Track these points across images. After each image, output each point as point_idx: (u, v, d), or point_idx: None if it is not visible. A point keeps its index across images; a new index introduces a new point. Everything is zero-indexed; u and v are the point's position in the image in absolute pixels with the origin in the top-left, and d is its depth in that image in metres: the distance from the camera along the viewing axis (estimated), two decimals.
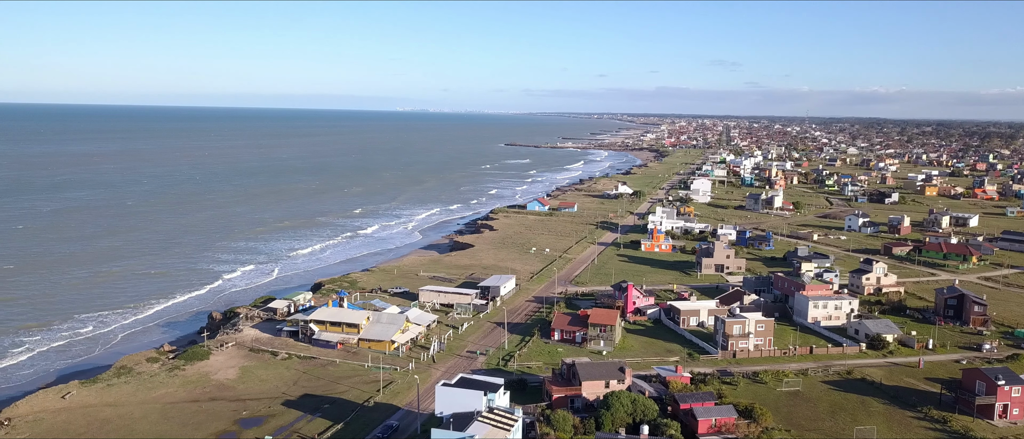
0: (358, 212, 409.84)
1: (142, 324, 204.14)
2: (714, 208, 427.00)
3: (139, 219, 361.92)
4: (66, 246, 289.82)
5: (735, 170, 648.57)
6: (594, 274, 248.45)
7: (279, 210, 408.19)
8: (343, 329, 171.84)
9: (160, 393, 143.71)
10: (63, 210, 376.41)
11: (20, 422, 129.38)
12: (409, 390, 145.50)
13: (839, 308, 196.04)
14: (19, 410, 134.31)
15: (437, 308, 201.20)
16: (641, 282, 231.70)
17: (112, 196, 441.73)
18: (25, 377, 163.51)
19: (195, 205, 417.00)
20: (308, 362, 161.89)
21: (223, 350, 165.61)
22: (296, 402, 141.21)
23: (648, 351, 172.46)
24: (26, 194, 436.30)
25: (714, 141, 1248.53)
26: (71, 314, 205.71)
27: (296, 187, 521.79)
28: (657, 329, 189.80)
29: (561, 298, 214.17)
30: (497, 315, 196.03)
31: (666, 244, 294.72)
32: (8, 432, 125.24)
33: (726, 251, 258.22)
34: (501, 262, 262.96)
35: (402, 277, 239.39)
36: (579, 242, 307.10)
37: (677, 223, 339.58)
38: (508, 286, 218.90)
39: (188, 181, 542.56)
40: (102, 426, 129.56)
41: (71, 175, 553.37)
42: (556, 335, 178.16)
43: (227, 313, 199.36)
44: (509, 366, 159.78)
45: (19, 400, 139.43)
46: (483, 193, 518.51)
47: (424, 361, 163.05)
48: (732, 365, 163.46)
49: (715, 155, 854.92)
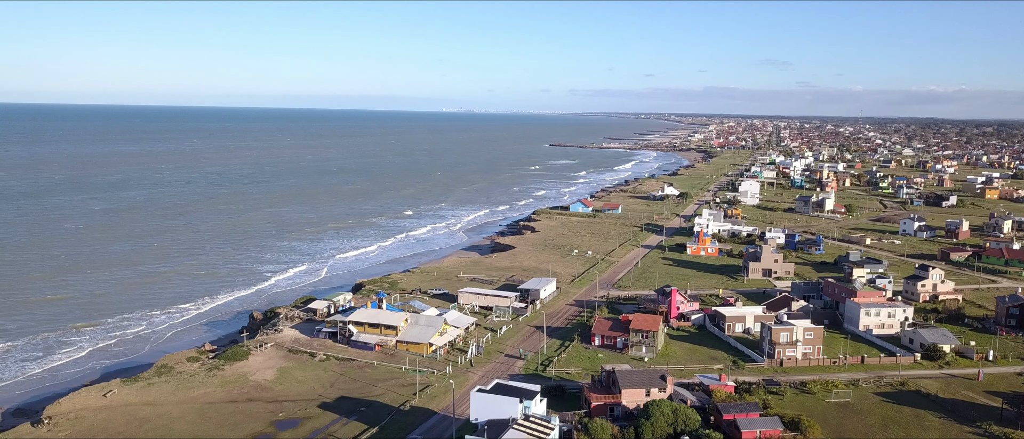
0: (409, 214, 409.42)
1: (187, 323, 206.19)
2: (762, 211, 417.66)
3: (188, 218, 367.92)
4: (117, 245, 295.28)
5: (785, 172, 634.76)
6: (637, 278, 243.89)
7: (331, 210, 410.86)
8: (381, 331, 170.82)
9: (199, 393, 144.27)
10: (114, 209, 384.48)
11: (62, 420, 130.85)
12: (446, 394, 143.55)
13: (893, 316, 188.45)
14: (61, 408, 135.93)
15: (476, 310, 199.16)
16: (685, 286, 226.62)
17: (162, 195, 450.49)
18: (71, 375, 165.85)
19: (245, 205, 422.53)
20: (346, 364, 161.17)
21: (262, 350, 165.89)
22: (332, 404, 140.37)
23: (691, 358, 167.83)
24: (80, 193, 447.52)
25: (763, 142, 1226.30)
26: (119, 313, 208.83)
27: (348, 188, 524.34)
28: (701, 335, 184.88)
29: (602, 302, 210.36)
30: (537, 319, 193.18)
31: (712, 247, 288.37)
32: (50, 430, 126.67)
33: (774, 255, 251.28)
34: (542, 264, 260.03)
35: (442, 278, 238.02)
36: (623, 245, 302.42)
37: (724, 226, 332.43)
38: (548, 289, 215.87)
39: (238, 181, 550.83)
40: (140, 425, 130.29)
41: (124, 175, 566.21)
42: (596, 340, 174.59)
43: (268, 313, 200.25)
44: (548, 371, 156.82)
45: (62, 397, 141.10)
46: (526, 194, 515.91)
47: (461, 364, 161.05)
48: (779, 374, 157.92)
49: (764, 156, 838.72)
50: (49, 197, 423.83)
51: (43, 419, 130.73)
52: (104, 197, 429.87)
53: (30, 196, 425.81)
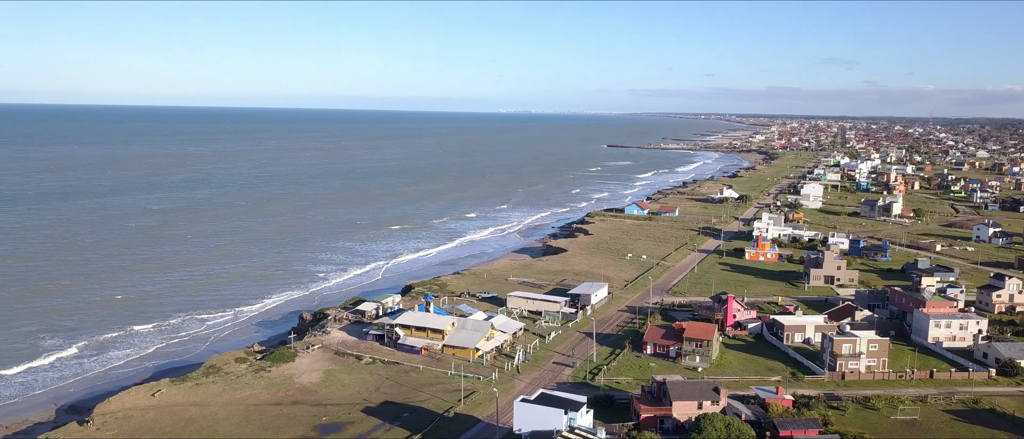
0: (471, 215, 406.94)
1: (240, 323, 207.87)
2: (825, 215, 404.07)
3: (247, 219, 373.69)
4: (175, 245, 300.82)
5: (850, 174, 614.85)
6: (693, 284, 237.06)
7: (393, 211, 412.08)
8: (428, 334, 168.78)
9: (245, 394, 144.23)
10: (174, 210, 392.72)
11: (110, 418, 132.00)
12: (491, 401, 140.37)
13: (965, 328, 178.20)
14: (111, 406, 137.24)
15: (524, 315, 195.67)
16: (743, 293, 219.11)
17: (221, 195, 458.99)
18: (125, 374, 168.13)
19: (307, 205, 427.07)
20: (391, 367, 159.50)
21: (309, 352, 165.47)
22: (376, 409, 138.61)
23: (747, 369, 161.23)
24: (141, 193, 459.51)
25: (827, 143, 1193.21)
26: (175, 312, 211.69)
27: (410, 189, 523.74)
28: (758, 345, 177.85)
29: (656, 309, 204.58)
30: (587, 325, 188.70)
31: (772, 253, 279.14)
32: (98, 429, 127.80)
33: (837, 262, 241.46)
34: (594, 268, 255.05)
35: (492, 281, 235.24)
36: (678, 249, 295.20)
37: (784, 230, 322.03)
38: (600, 294, 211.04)
39: (299, 181, 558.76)
40: (186, 426, 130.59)
41: (183, 175, 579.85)
42: (648, 349, 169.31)
43: (317, 314, 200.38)
44: (596, 380, 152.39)
45: (113, 396, 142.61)
46: (585, 196, 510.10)
47: (508, 371, 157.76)
48: (840, 388, 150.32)
49: (828, 158, 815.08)
50: (111, 197, 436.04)
51: (92, 418, 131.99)
52: (164, 197, 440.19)
53: (93, 195, 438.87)
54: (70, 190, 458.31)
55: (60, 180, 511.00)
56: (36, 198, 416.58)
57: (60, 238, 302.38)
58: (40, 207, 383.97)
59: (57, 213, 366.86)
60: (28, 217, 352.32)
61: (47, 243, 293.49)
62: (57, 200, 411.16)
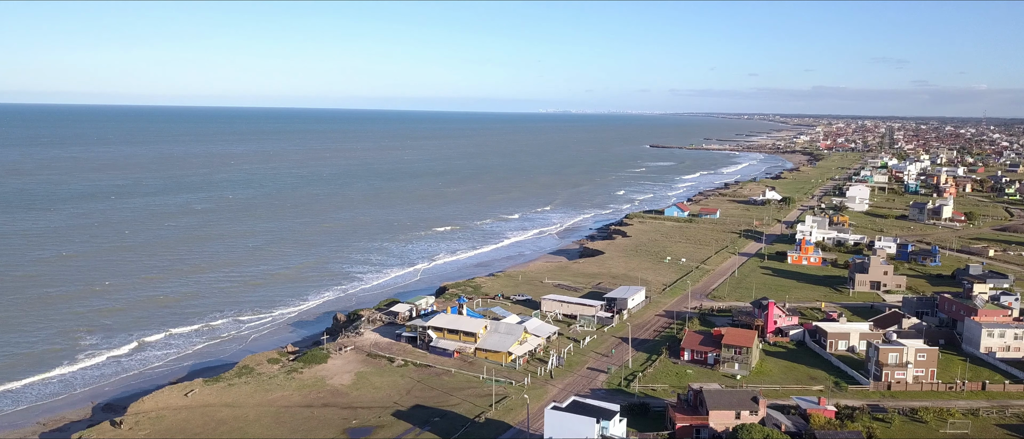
0: (515, 217, 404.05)
1: (277, 323, 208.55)
2: (872, 218, 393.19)
3: (285, 219, 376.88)
4: (213, 245, 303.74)
5: (898, 176, 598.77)
6: (733, 288, 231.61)
7: (437, 212, 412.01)
8: (460, 337, 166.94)
9: (276, 396, 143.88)
10: (213, 209, 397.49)
11: (144, 418, 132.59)
12: (523, 407, 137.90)
13: (1020, 338, 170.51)
14: (144, 406, 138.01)
15: (559, 319, 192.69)
16: (784, 299, 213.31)
17: (259, 196, 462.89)
18: (160, 373, 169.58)
19: (345, 206, 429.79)
20: (423, 370, 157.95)
21: (341, 354, 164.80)
22: (406, 413, 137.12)
23: (788, 378, 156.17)
24: (184, 193, 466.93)
25: (875, 144, 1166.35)
26: (210, 312, 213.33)
27: (454, 190, 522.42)
28: (800, 353, 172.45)
29: (694, 314, 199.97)
30: (623, 329, 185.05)
31: (815, 257, 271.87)
32: (131, 429, 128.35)
33: (884, 267, 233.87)
34: (631, 271, 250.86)
35: (526, 283, 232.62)
36: (719, 252, 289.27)
37: (829, 233, 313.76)
38: (637, 298, 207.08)
39: (342, 181, 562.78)
40: (217, 427, 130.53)
41: (222, 175, 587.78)
42: (686, 355, 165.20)
43: (351, 315, 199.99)
44: (631, 387, 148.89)
45: (147, 396, 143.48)
46: (622, 197, 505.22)
47: (541, 376, 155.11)
48: (886, 399, 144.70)
49: (875, 159, 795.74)
50: (156, 196, 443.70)
51: (125, 418, 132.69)
52: (206, 197, 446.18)
53: (139, 195, 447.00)
54: (117, 190, 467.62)
55: (108, 179, 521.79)
56: (84, 197, 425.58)
57: (103, 238, 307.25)
58: (89, 206, 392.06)
59: (103, 213, 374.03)
60: (75, 217, 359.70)
61: (91, 242, 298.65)
62: (104, 199, 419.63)
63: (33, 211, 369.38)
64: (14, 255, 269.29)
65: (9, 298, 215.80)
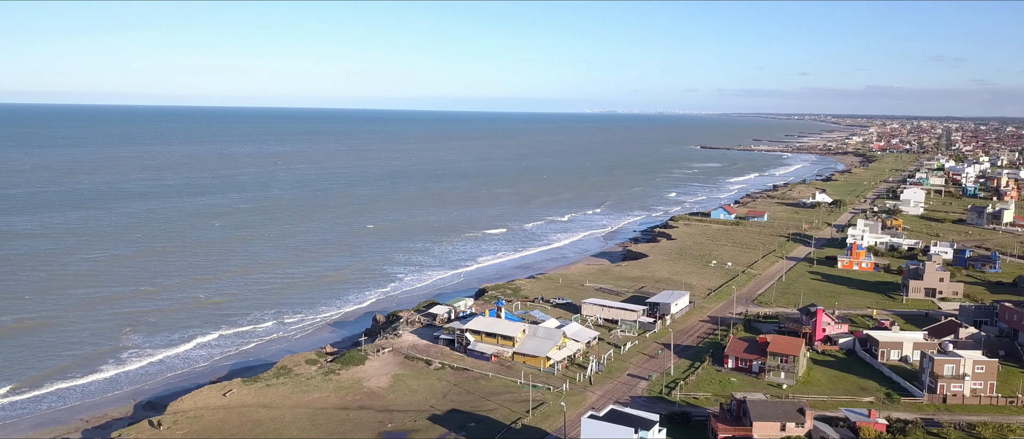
0: (565, 219, 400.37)
1: (315, 324, 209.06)
2: (927, 222, 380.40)
3: (329, 219, 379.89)
4: (257, 245, 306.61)
5: (955, 178, 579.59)
6: (780, 294, 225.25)
7: (488, 212, 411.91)
8: (498, 341, 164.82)
9: (313, 397, 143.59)
10: (257, 209, 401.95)
11: (182, 418, 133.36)
12: (561, 414, 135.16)
13: None
14: (184, 405, 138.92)
15: (599, 323, 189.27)
16: (834, 305, 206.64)
17: (303, 196, 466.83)
18: (201, 372, 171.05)
19: (395, 206, 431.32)
20: (460, 374, 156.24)
21: (379, 355, 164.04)
22: (442, 417, 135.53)
23: (836, 388, 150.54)
24: (232, 192, 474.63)
25: (931, 145, 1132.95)
26: (252, 312, 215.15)
27: (505, 190, 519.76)
28: (849, 362, 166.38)
29: (739, 320, 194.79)
30: (665, 335, 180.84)
31: (867, 262, 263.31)
32: (169, 428, 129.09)
33: (939, 273, 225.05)
34: (675, 275, 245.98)
35: (567, 286, 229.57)
36: (766, 256, 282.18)
37: (881, 238, 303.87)
38: (680, 303, 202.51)
39: (387, 182, 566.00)
40: (254, 427, 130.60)
41: (267, 174, 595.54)
42: (730, 363, 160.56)
43: (390, 316, 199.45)
44: (673, 395, 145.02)
45: (186, 395, 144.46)
46: (669, 199, 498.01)
47: (580, 382, 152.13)
48: (941, 412, 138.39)
49: (931, 161, 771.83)
50: (203, 196, 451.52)
51: (164, 418, 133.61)
52: (251, 197, 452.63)
53: (188, 194, 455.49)
54: (168, 190, 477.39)
55: (161, 179, 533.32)
56: (134, 197, 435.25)
57: (149, 239, 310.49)
58: (138, 206, 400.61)
59: (151, 213, 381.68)
60: (124, 216, 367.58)
61: (138, 243, 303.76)
62: (154, 199, 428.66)
63: (91, 210, 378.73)
64: (66, 255, 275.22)
65: (60, 297, 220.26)
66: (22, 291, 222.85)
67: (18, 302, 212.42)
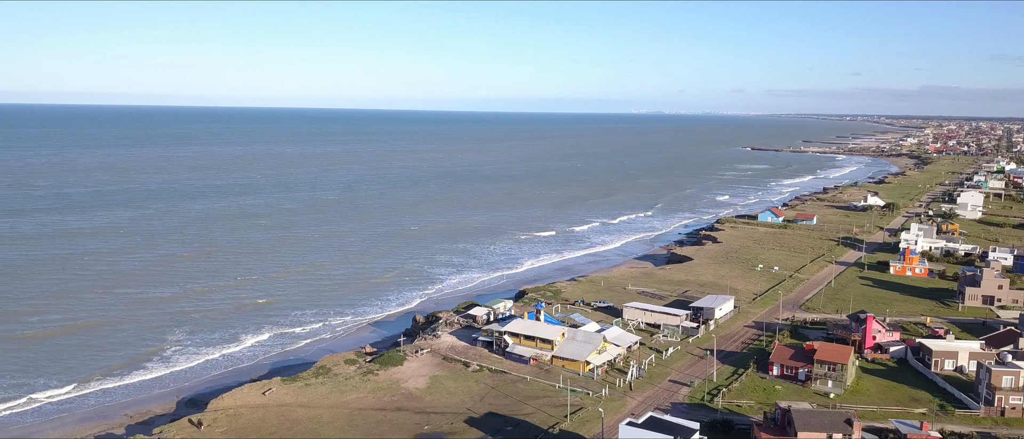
0: (616, 221, 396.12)
1: (356, 324, 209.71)
2: (985, 226, 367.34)
3: (376, 220, 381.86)
4: (300, 245, 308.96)
5: (1016, 181, 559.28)
6: (828, 299, 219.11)
7: (539, 213, 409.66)
8: (537, 344, 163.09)
9: (351, 397, 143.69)
10: (300, 210, 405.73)
11: (222, 416, 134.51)
12: (599, 420, 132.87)
13: None
14: (224, 403, 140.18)
15: (641, 328, 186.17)
16: (885, 312, 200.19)
17: (348, 196, 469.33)
18: (243, 370, 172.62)
19: (443, 207, 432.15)
20: (498, 376, 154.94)
21: (418, 356, 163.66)
22: (479, 420, 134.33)
23: (887, 398, 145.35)
24: (275, 192, 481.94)
25: (990, 147, 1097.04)
26: (295, 310, 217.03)
27: (556, 192, 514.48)
28: (901, 371, 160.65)
29: (785, 326, 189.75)
30: (709, 341, 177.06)
31: (921, 267, 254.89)
32: (209, 426, 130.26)
33: (998, 280, 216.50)
34: (720, 279, 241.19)
35: (609, 289, 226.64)
36: (815, 260, 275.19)
37: (936, 243, 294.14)
38: (725, 308, 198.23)
39: (435, 182, 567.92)
40: (292, 427, 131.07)
41: (310, 175, 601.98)
42: (775, 370, 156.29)
43: (429, 317, 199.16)
44: (715, 402, 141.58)
45: (227, 392, 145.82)
46: (718, 202, 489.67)
47: (619, 387, 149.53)
48: (999, 426, 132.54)
49: (990, 163, 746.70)
50: (246, 196, 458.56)
51: (203, 416, 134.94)
52: (294, 197, 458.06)
53: (232, 194, 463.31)
54: (214, 189, 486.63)
55: (206, 179, 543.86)
56: (185, 196, 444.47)
57: (198, 240, 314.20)
58: (189, 205, 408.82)
59: (201, 212, 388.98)
60: (175, 216, 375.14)
61: (187, 243, 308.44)
62: (204, 199, 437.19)
63: (141, 209, 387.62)
64: (117, 254, 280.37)
65: (110, 296, 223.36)
66: (75, 290, 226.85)
67: (70, 301, 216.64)
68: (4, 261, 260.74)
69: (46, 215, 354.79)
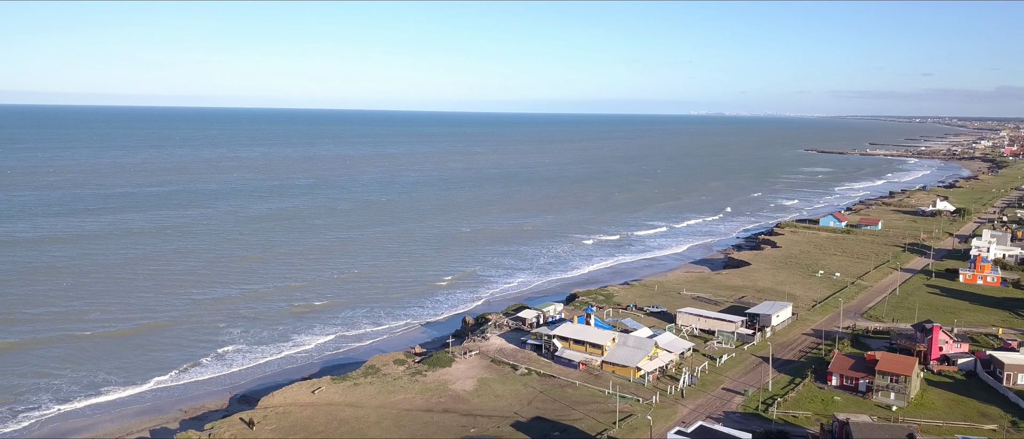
0: (684, 224, 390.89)
1: (407, 324, 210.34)
2: None
3: (436, 221, 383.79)
4: (355, 245, 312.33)
5: None
6: (893, 308, 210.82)
7: (604, 216, 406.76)
8: (586, 348, 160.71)
9: (398, 398, 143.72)
10: (355, 210, 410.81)
11: (272, 413, 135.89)
12: (648, 428, 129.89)
13: None
14: (274, 400, 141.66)
15: (695, 334, 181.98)
16: (953, 322, 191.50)
17: (402, 197, 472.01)
18: (295, 368, 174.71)
19: (513, 209, 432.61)
20: (547, 380, 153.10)
21: (466, 358, 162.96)
22: (526, 425, 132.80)
23: (953, 413, 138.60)
24: (330, 190, 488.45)
25: None
26: (348, 309, 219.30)
27: (621, 196, 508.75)
28: (969, 385, 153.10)
29: (846, 334, 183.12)
30: (764, 348, 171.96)
31: (993, 276, 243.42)
32: (259, 423, 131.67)
33: None
34: (779, 285, 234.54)
35: (662, 294, 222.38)
36: (879, 267, 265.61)
37: (1011, 250, 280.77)
38: (782, 315, 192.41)
39: (503, 183, 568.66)
40: (339, 426, 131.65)
41: (369, 175, 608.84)
42: (833, 380, 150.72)
43: (479, 319, 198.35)
44: (770, 413, 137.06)
45: (277, 390, 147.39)
46: (784, 206, 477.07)
47: (671, 394, 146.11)
48: None
49: None
50: (305, 196, 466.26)
51: (254, 413, 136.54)
52: (350, 197, 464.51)
53: (292, 195, 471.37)
54: (272, 190, 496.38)
55: (259, 180, 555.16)
56: (245, 195, 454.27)
57: (256, 241, 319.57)
58: (252, 206, 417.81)
59: (261, 212, 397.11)
60: (234, 217, 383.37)
61: (244, 245, 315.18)
62: (260, 198, 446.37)
63: (201, 209, 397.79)
64: (174, 256, 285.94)
65: (172, 297, 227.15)
66: (137, 290, 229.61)
67: (131, 300, 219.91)
68: (70, 258, 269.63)
69: (113, 215, 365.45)
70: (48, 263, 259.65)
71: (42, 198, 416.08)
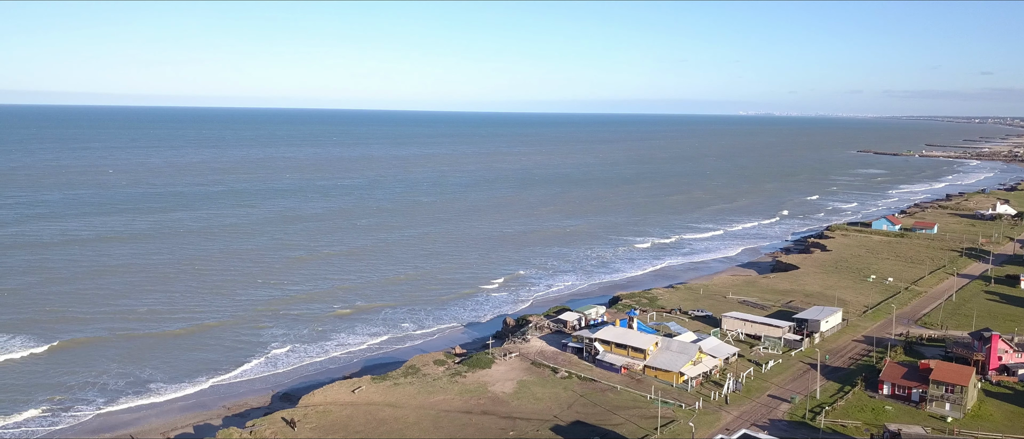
0: (738, 228, 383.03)
1: (449, 324, 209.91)
2: None
3: (485, 222, 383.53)
4: (398, 247, 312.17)
5: None
6: (949, 315, 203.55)
7: (657, 219, 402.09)
8: (628, 353, 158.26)
9: (438, 399, 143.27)
10: (396, 209, 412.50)
11: (312, 412, 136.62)
12: (690, 433, 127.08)
13: None
14: (314, 399, 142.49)
15: (741, 339, 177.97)
16: (1014, 331, 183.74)
17: (444, 198, 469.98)
18: (336, 367, 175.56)
19: (556, 209, 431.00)
20: (587, 384, 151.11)
21: (506, 360, 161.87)
22: (565, 429, 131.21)
23: (1013, 426, 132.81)
24: (378, 190, 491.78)
25: None
26: (390, 309, 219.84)
27: (675, 198, 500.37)
28: None
29: (899, 342, 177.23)
30: (812, 354, 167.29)
31: None
32: (299, 421, 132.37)
33: None
34: (828, 290, 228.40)
35: (708, 298, 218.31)
36: (934, 272, 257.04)
37: None
38: (832, 320, 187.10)
39: (558, 183, 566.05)
40: (378, 426, 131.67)
41: (415, 175, 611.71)
42: (885, 389, 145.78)
43: (520, 320, 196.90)
44: (817, 421, 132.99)
45: (318, 389, 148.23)
46: (824, 207, 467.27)
47: (715, 401, 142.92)
48: None
49: None
50: (351, 195, 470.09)
51: (294, 411, 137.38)
52: (389, 196, 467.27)
53: (340, 195, 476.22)
54: (319, 189, 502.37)
55: (307, 181, 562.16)
56: (286, 194, 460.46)
57: (300, 244, 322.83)
58: (299, 205, 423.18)
59: (313, 212, 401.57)
60: (277, 217, 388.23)
61: (289, 247, 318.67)
62: (308, 198, 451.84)
63: (246, 208, 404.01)
64: (220, 257, 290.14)
65: (219, 296, 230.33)
66: (184, 291, 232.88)
67: (182, 301, 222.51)
68: (121, 257, 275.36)
69: (162, 214, 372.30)
70: (101, 263, 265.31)
71: (98, 196, 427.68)
